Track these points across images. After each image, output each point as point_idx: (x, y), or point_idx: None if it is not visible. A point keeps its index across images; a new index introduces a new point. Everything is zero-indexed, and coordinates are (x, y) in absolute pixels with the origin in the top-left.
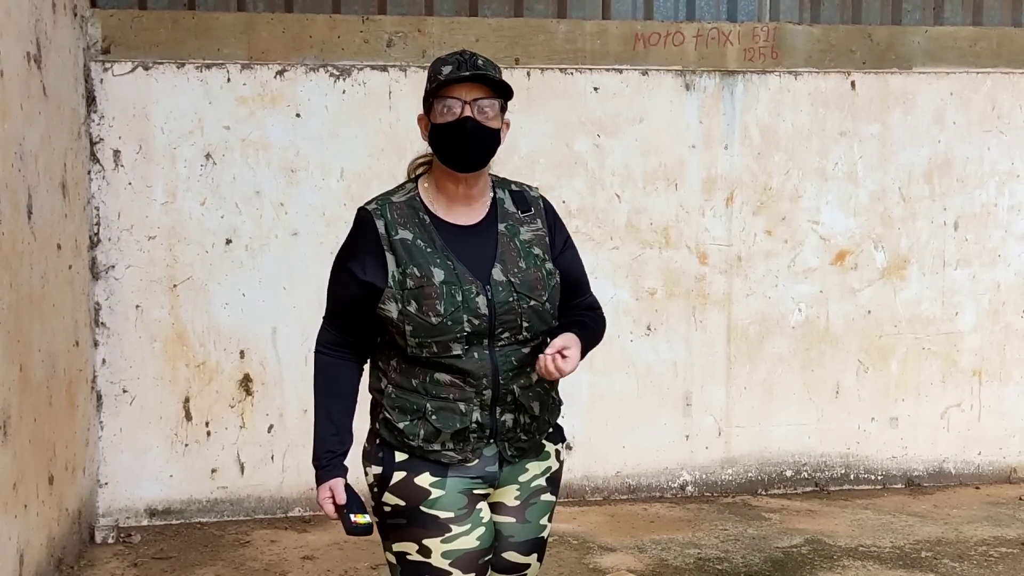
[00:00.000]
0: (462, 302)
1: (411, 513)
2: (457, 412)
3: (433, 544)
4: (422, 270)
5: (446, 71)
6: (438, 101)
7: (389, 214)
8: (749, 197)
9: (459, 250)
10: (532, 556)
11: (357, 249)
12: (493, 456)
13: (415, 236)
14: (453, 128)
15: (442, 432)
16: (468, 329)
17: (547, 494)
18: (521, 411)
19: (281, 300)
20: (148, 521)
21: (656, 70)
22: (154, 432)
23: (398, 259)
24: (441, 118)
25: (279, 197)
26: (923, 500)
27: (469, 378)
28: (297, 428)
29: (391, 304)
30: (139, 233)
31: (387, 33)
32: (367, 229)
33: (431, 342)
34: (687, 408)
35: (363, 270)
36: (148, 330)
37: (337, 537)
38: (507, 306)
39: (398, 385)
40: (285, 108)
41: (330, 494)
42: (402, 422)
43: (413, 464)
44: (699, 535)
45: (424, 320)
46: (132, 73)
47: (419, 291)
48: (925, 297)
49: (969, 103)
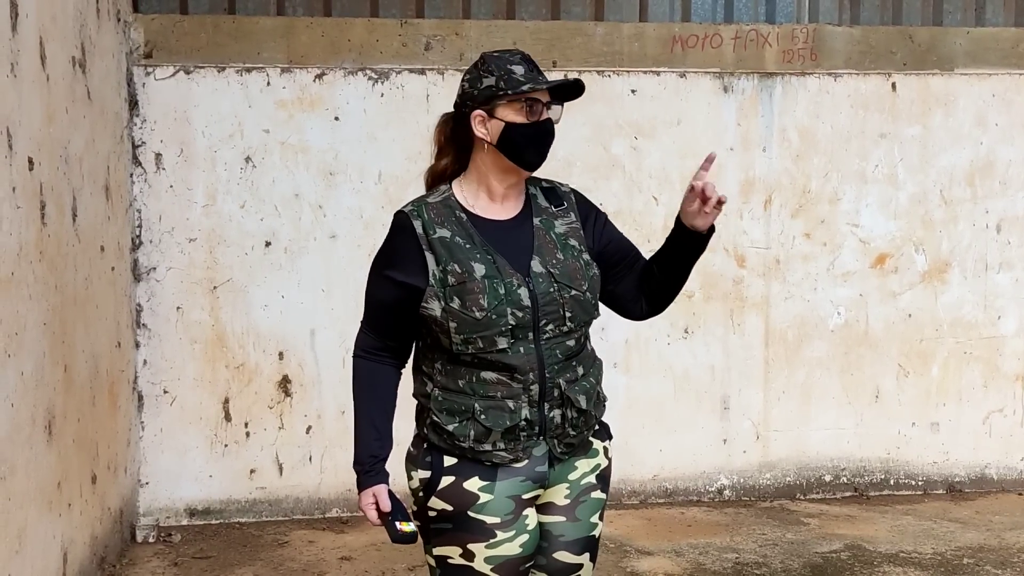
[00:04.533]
0: (504, 295)
1: (458, 518)
2: (506, 410)
3: (477, 549)
4: (463, 266)
5: (519, 71)
6: (518, 102)
7: (426, 214)
8: (787, 200)
9: (498, 244)
10: (584, 556)
11: (395, 252)
12: (543, 455)
13: (453, 233)
14: (536, 129)
15: (492, 431)
16: (512, 322)
17: (597, 491)
18: (568, 405)
19: (319, 302)
20: (188, 521)
21: (694, 72)
22: (194, 432)
23: (438, 257)
24: (521, 118)
25: (318, 200)
26: (965, 506)
27: (516, 374)
28: (335, 429)
29: (434, 302)
30: (180, 235)
31: (425, 36)
32: (405, 231)
33: (476, 337)
34: (724, 412)
35: (403, 272)
36: (188, 331)
37: (375, 538)
38: (549, 297)
39: (444, 387)
40: (324, 111)
41: (373, 500)
42: (451, 424)
43: (462, 468)
44: (737, 540)
45: (468, 315)
46: (174, 77)
47: (461, 287)
48: (967, 301)
49: (1011, 105)
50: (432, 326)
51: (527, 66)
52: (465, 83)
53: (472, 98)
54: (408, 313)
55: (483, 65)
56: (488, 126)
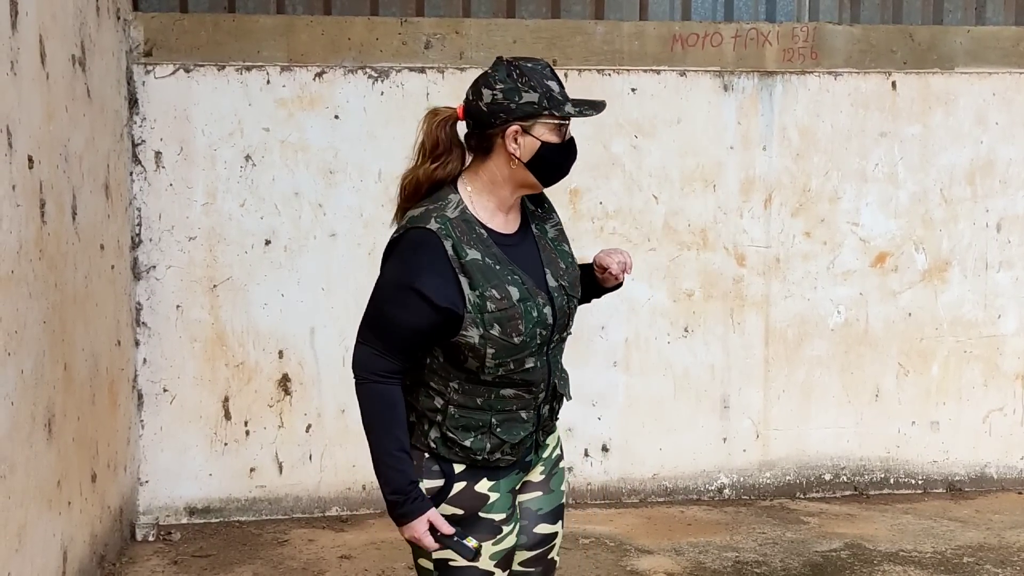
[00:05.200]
0: (536, 317)
1: (468, 520)
2: (519, 421)
3: (485, 547)
4: (500, 291)
5: (556, 89)
6: (557, 122)
7: (454, 233)
8: (788, 198)
9: (519, 262)
10: (558, 524)
11: (424, 271)
12: (530, 445)
13: (482, 254)
14: (567, 148)
15: (506, 442)
16: (539, 341)
17: (561, 461)
18: (556, 399)
19: (319, 301)
20: (188, 519)
21: (694, 71)
22: (194, 431)
23: (472, 282)
24: (556, 137)
25: (317, 198)
26: (964, 505)
27: (532, 387)
28: (334, 428)
29: (472, 330)
30: (180, 234)
31: (425, 35)
32: (435, 251)
33: (509, 360)
34: (724, 411)
35: (438, 295)
36: (188, 330)
37: (374, 537)
38: (564, 310)
39: (461, 405)
40: (324, 110)
41: (428, 525)
42: (467, 439)
43: (472, 473)
44: (737, 538)
45: (507, 342)
46: (173, 75)
47: (503, 313)
48: (967, 300)
49: (1012, 104)
50: (465, 352)
51: (558, 82)
52: (498, 93)
53: (509, 111)
54: (437, 338)
55: (520, 78)
56: (521, 142)
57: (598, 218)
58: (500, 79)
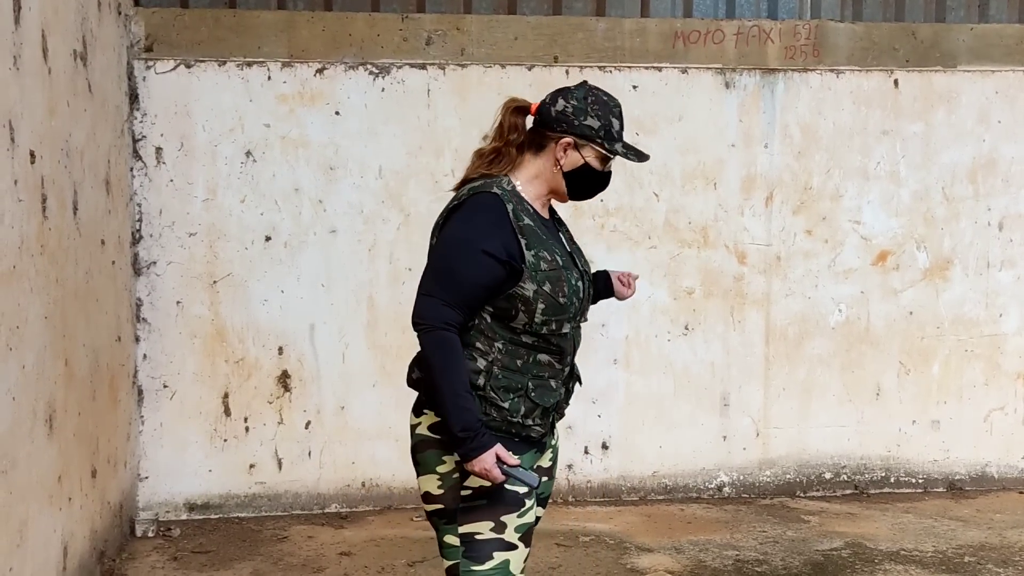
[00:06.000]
0: (575, 285)
1: (495, 492)
2: (549, 388)
3: (510, 520)
4: (551, 253)
5: (617, 126)
6: (606, 153)
7: (512, 200)
8: (789, 196)
9: (555, 240)
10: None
11: (492, 229)
12: (550, 422)
13: (534, 224)
14: (603, 177)
15: (538, 407)
16: (573, 311)
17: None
18: (574, 380)
19: (319, 297)
20: (187, 515)
21: (696, 68)
22: (193, 427)
23: (528, 242)
24: (597, 164)
25: (318, 194)
26: (965, 504)
27: (563, 356)
28: (334, 425)
29: (529, 284)
30: (180, 230)
31: (426, 31)
32: (499, 211)
33: (552, 320)
34: (725, 409)
35: (501, 250)
36: (188, 326)
37: (374, 534)
38: (588, 292)
39: (505, 367)
40: (324, 106)
41: (496, 459)
42: (507, 401)
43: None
44: (737, 537)
45: (555, 300)
46: (174, 71)
47: (553, 273)
48: (968, 299)
49: (1015, 102)
50: (518, 304)
51: (621, 121)
52: (568, 107)
53: (571, 125)
54: (498, 291)
55: (592, 104)
56: (568, 154)
57: (599, 215)
58: (577, 97)
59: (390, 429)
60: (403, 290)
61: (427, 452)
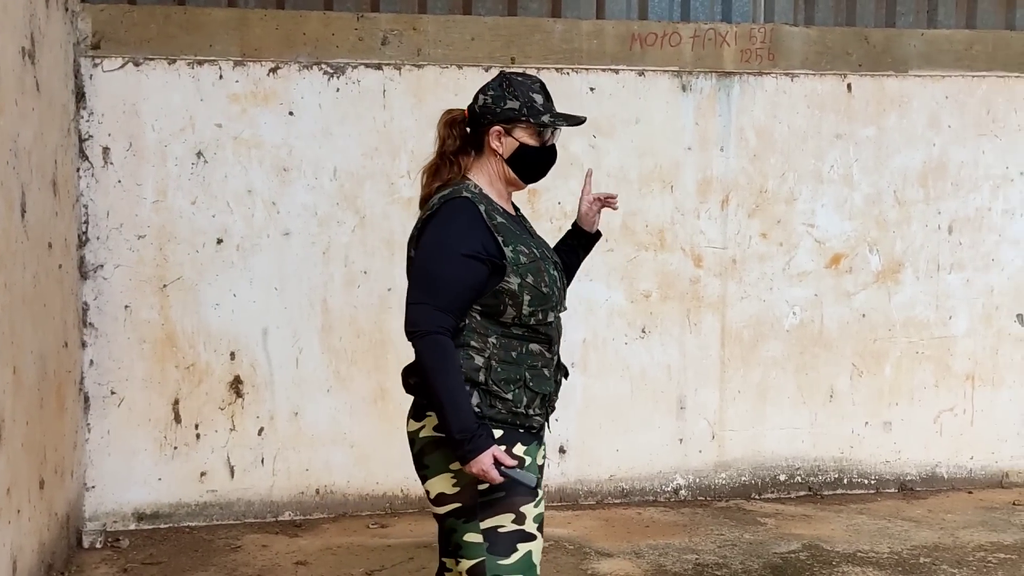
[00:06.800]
0: (552, 274)
1: (511, 483)
2: (544, 376)
3: (527, 510)
4: (527, 247)
5: (539, 100)
6: (543, 128)
7: (482, 201)
8: (744, 199)
9: (527, 234)
10: None
11: (468, 231)
12: (548, 412)
13: (506, 221)
14: (545, 152)
15: (538, 395)
16: (555, 299)
17: None
18: (561, 372)
19: (272, 301)
20: (136, 525)
21: (652, 71)
22: (142, 435)
23: (504, 239)
24: (534, 141)
25: (271, 196)
26: (917, 505)
27: (551, 345)
28: (288, 431)
29: (513, 277)
30: (128, 232)
31: (381, 31)
32: (472, 212)
33: (538, 310)
34: (681, 411)
35: (482, 249)
36: (137, 331)
37: (329, 542)
38: (563, 280)
39: (502, 360)
40: (278, 106)
41: (493, 459)
42: (509, 392)
43: (509, 437)
44: (696, 540)
45: (539, 290)
46: (122, 69)
47: (533, 264)
48: (919, 301)
49: (964, 106)
50: (505, 299)
51: (544, 95)
52: (488, 98)
53: (494, 114)
54: (484, 289)
55: (508, 87)
56: (503, 141)
57: (556, 218)
58: (493, 87)
59: (345, 435)
60: (358, 293)
61: (436, 453)
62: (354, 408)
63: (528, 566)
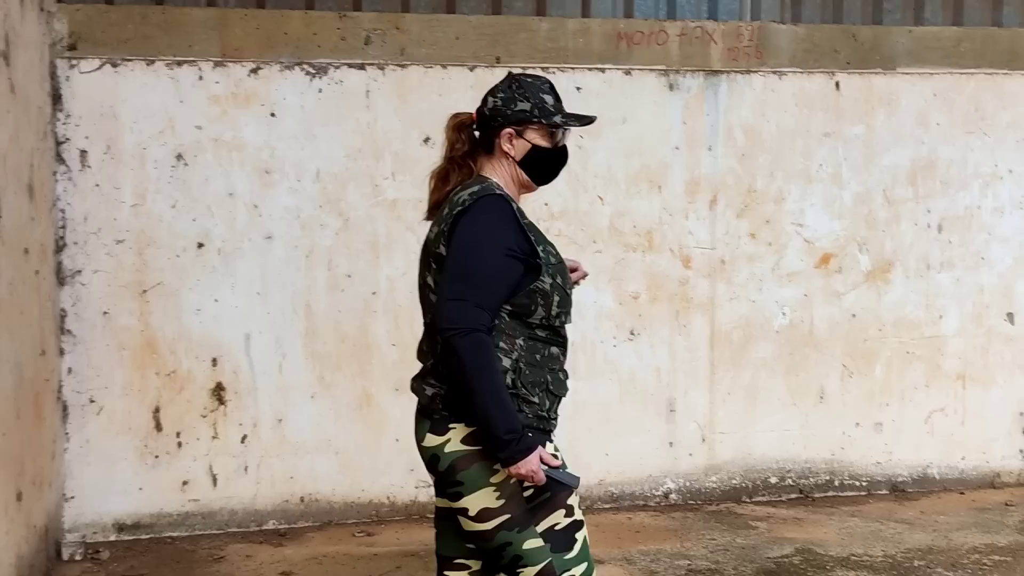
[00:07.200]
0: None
1: (552, 480)
2: (560, 380)
3: (573, 500)
4: (553, 248)
5: (550, 101)
6: (557, 129)
7: (513, 201)
8: (733, 199)
9: None
10: None
11: (505, 228)
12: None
13: (531, 220)
14: (557, 153)
15: (557, 398)
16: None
17: None
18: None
19: (255, 306)
20: (116, 536)
21: (639, 70)
22: (122, 443)
23: (536, 238)
24: (545, 142)
25: (253, 199)
26: (909, 506)
27: (566, 347)
28: (271, 438)
29: (547, 277)
30: (107, 237)
31: (364, 30)
32: (507, 210)
33: (562, 312)
34: (670, 414)
35: (523, 249)
36: (116, 337)
37: (315, 551)
38: None
39: (529, 363)
40: (259, 107)
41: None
42: (535, 395)
43: (537, 438)
44: (687, 545)
45: (565, 291)
46: (99, 70)
47: (560, 266)
48: (909, 301)
49: (953, 104)
50: (537, 299)
51: (554, 96)
52: (498, 100)
53: (505, 116)
54: (518, 288)
55: (518, 88)
56: (514, 144)
57: (544, 219)
58: (502, 89)
59: (329, 442)
60: (342, 298)
61: (471, 468)
62: (339, 414)
63: (587, 551)
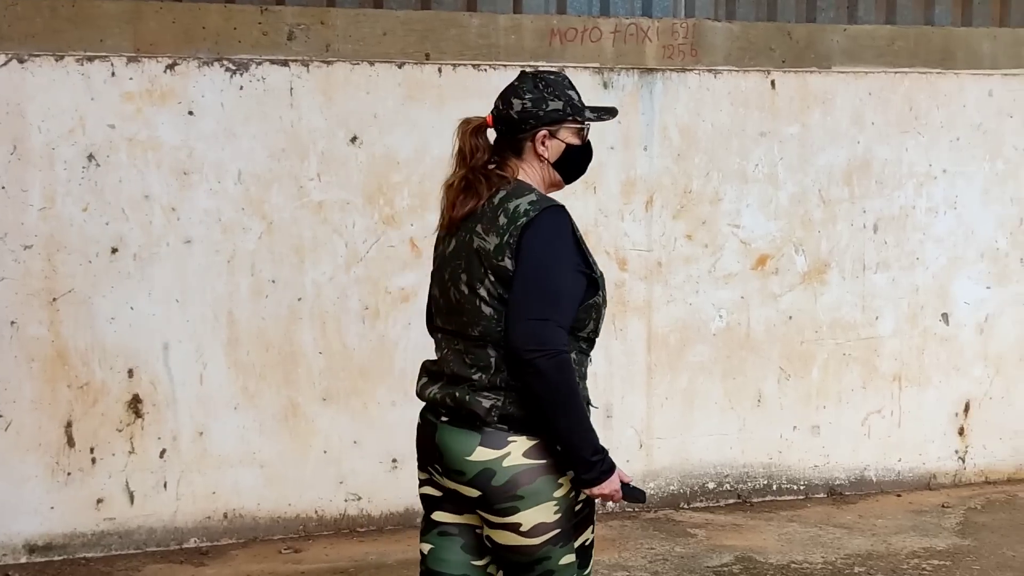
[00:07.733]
0: None
1: (589, 499)
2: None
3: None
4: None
5: (576, 97)
6: (579, 126)
7: None
8: (669, 200)
9: None
10: None
11: (573, 244)
12: None
13: None
14: (586, 149)
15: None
16: None
17: None
18: None
19: (173, 314)
20: (27, 558)
21: (573, 67)
22: (32, 460)
23: (587, 251)
24: (577, 140)
25: (170, 202)
26: (847, 510)
27: None
28: (192, 452)
29: (600, 292)
30: (13, 242)
31: (288, 25)
32: (571, 224)
33: (600, 326)
34: (608, 420)
35: (584, 262)
36: (25, 348)
37: (238, 570)
38: None
39: (580, 376)
40: (176, 105)
41: None
42: (588, 411)
43: None
44: (626, 555)
45: (605, 304)
46: (5, 67)
47: (603, 279)
48: (845, 302)
49: (887, 103)
50: (592, 312)
51: (576, 91)
52: (527, 102)
53: (538, 118)
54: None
55: (546, 87)
56: (548, 144)
57: None
58: (528, 90)
59: (254, 455)
60: (266, 304)
61: (536, 481)
62: (263, 426)
63: None
